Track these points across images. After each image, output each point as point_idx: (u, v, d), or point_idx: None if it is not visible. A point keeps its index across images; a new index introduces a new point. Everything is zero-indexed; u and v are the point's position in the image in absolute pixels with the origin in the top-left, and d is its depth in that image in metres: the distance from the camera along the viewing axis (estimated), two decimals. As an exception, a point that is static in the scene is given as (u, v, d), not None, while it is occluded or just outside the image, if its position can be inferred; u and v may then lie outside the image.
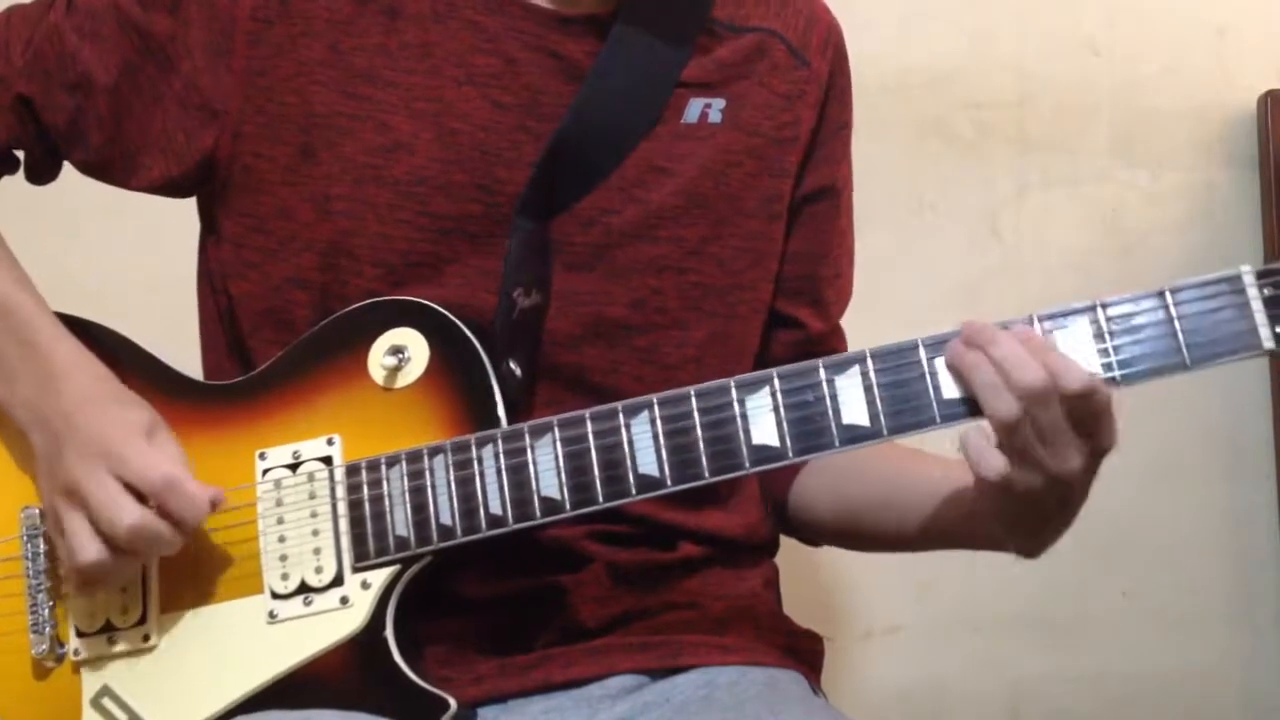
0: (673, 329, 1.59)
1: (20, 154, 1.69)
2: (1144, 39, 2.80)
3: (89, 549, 1.45)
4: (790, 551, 1.74)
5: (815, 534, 1.77)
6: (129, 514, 1.44)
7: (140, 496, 1.45)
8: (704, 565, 1.62)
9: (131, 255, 2.50)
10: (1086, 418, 1.36)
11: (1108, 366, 1.38)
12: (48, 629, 1.53)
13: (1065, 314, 1.39)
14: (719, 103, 1.61)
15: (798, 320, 1.72)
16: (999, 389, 1.35)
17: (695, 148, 1.60)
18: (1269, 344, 1.37)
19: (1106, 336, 1.38)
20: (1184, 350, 1.37)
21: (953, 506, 1.56)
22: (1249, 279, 1.37)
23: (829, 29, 1.71)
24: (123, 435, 1.47)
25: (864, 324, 1.77)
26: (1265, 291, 1.36)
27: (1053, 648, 2.70)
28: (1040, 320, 1.39)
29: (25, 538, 1.55)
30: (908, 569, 2.43)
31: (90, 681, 1.52)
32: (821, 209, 1.71)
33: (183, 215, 1.70)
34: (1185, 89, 2.79)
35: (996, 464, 1.36)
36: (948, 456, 1.48)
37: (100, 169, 1.66)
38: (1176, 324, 1.37)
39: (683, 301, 1.59)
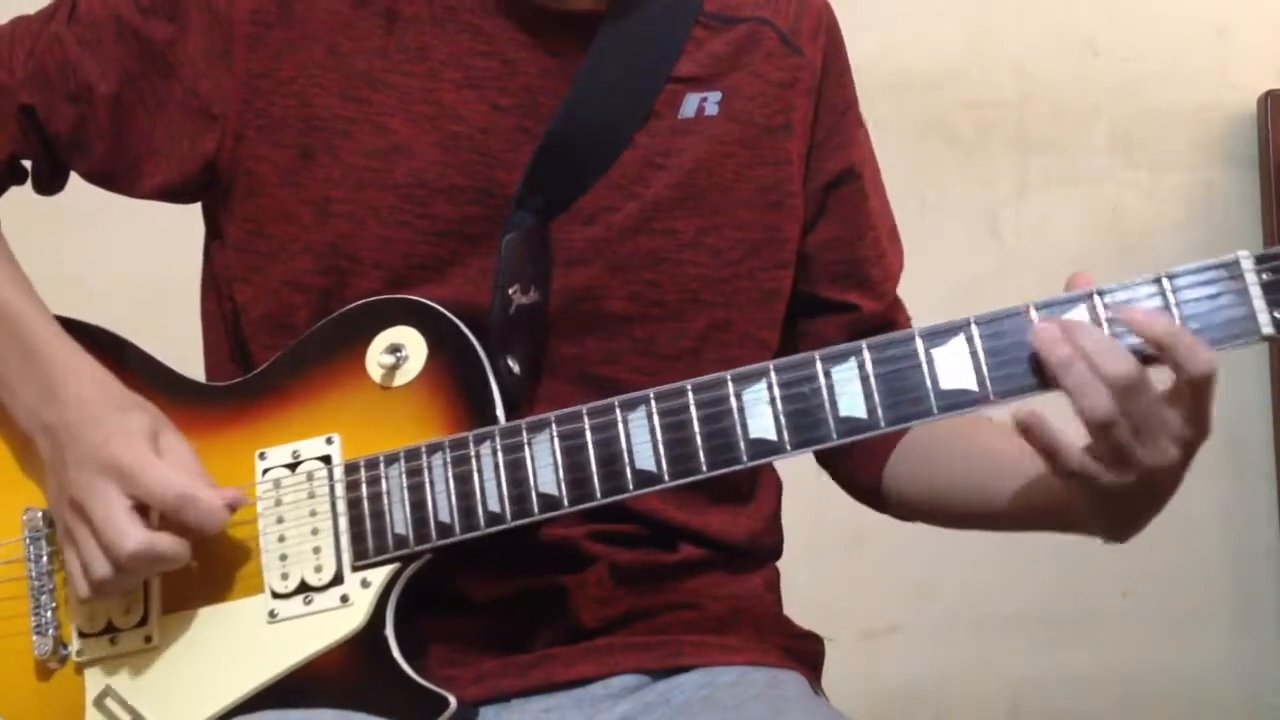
0: (670, 321, 1.58)
1: (27, 164, 1.69)
2: (1144, 39, 2.81)
3: (101, 567, 1.45)
4: (790, 552, 1.74)
5: (911, 514, 1.75)
6: (131, 539, 1.44)
7: (146, 511, 1.46)
8: (705, 567, 1.62)
9: (131, 259, 2.51)
10: (1165, 397, 1.34)
11: None
12: (51, 630, 1.53)
13: (1062, 303, 1.38)
14: (715, 96, 1.61)
15: (847, 303, 1.71)
16: (1091, 385, 1.33)
17: (692, 142, 1.60)
18: (1268, 329, 1.35)
19: (1104, 325, 1.36)
20: None
21: (1042, 493, 1.53)
22: (1247, 264, 1.35)
23: (820, 13, 1.70)
24: (128, 448, 1.46)
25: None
26: (1264, 276, 1.35)
27: (1053, 648, 2.71)
28: (1038, 309, 1.37)
29: (28, 539, 1.56)
30: (908, 569, 2.43)
31: (93, 682, 1.52)
32: (846, 193, 1.71)
33: (182, 219, 1.70)
34: (1185, 89, 2.80)
35: (1077, 463, 1.36)
36: None
37: (105, 178, 1.66)
38: (1174, 310, 1.35)
39: (680, 294, 1.59)
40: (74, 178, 1.70)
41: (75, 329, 1.60)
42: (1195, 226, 2.73)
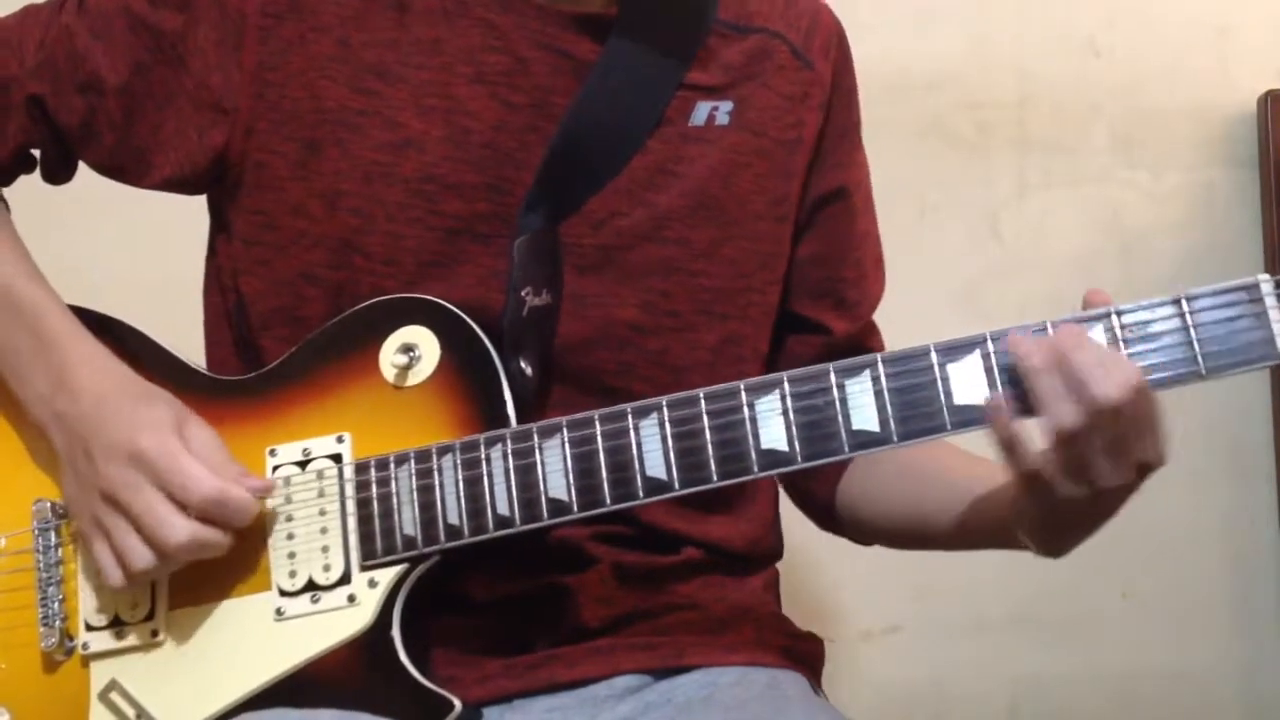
0: (684, 332, 1.59)
1: (36, 153, 1.69)
2: (1144, 39, 2.80)
3: (142, 558, 1.45)
4: (791, 552, 1.74)
5: (862, 534, 1.75)
6: (179, 530, 1.44)
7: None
8: (706, 569, 1.62)
9: (132, 252, 2.50)
10: (1139, 424, 1.35)
11: None
12: (58, 623, 1.53)
13: (1079, 321, 1.37)
14: (726, 105, 1.61)
15: (821, 324, 1.71)
16: (1064, 396, 1.33)
17: (703, 150, 1.60)
18: None
19: (1121, 345, 1.36)
20: (1199, 359, 1.36)
21: (985, 511, 1.54)
22: (1267, 287, 1.35)
23: (832, 31, 1.71)
24: (157, 441, 1.46)
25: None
26: None
27: (1053, 648, 2.70)
28: (1056, 328, 1.37)
29: (37, 531, 1.56)
30: (908, 569, 2.43)
31: (98, 675, 1.52)
32: (834, 211, 1.71)
33: (183, 213, 1.70)
34: (1185, 89, 2.80)
35: (1032, 460, 1.36)
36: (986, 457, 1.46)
37: (114, 169, 1.66)
38: (1192, 332, 1.35)
39: (693, 304, 1.59)
40: (81, 168, 1.70)
41: (87, 318, 1.60)
42: (1195, 226, 2.72)
